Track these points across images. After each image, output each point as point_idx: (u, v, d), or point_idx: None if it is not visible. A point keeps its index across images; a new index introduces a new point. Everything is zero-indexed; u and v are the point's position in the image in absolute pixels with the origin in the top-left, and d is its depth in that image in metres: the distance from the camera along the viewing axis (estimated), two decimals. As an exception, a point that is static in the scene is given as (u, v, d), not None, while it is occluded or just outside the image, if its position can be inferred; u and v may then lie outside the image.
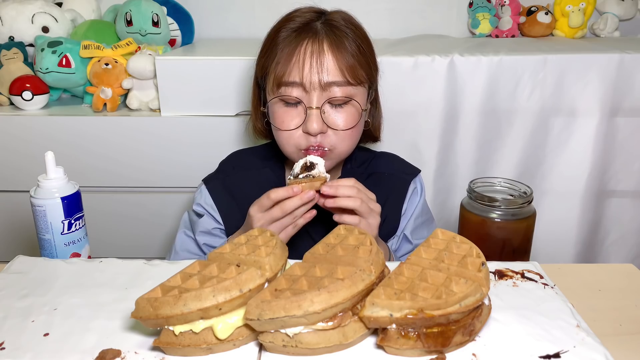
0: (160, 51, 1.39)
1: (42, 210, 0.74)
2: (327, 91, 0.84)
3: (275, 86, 0.85)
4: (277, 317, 0.49)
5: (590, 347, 0.52)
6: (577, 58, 1.28)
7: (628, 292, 0.69)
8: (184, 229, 0.98)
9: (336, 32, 0.85)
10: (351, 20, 0.89)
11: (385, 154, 1.03)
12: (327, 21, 0.87)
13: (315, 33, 0.84)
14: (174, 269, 0.66)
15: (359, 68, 0.85)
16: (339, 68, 0.83)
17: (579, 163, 1.33)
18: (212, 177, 0.98)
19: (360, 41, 0.87)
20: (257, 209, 0.79)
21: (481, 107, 1.30)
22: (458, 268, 0.54)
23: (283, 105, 0.86)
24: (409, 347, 0.50)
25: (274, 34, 0.88)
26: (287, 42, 0.85)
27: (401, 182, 0.97)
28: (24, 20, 1.44)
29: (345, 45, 0.84)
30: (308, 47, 0.83)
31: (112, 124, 1.30)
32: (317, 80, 0.83)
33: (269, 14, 0.90)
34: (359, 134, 0.91)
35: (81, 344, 0.53)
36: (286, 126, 0.86)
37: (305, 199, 0.77)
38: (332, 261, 0.56)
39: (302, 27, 0.86)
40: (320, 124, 0.83)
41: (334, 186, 0.77)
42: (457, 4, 1.71)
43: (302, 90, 0.84)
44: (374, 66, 0.91)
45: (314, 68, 0.82)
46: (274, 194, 0.77)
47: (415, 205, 0.97)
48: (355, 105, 0.86)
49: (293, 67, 0.83)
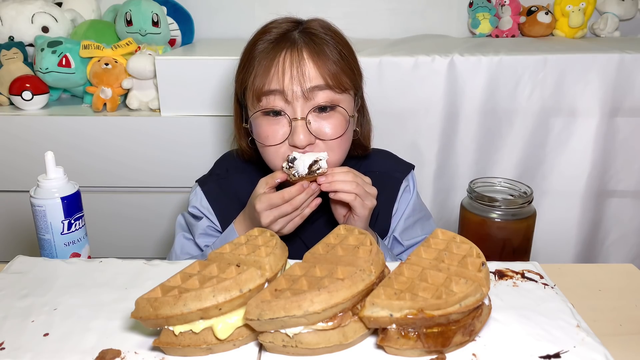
0: (160, 51, 1.39)
1: (42, 210, 0.74)
2: (311, 100, 0.80)
3: (255, 99, 0.82)
4: (277, 317, 0.49)
5: (590, 347, 0.52)
6: (577, 58, 1.28)
7: (628, 292, 0.69)
8: (182, 232, 0.97)
9: (315, 40, 0.82)
10: (329, 27, 0.86)
11: (378, 151, 1.01)
12: (304, 30, 0.84)
13: (294, 42, 0.81)
14: (174, 269, 0.66)
15: (342, 75, 0.82)
16: (322, 75, 0.80)
17: (579, 163, 1.33)
18: (206, 179, 0.97)
19: (342, 47, 0.84)
20: (265, 206, 0.79)
21: (481, 107, 1.30)
22: (458, 268, 0.54)
23: (265, 119, 0.82)
24: (409, 347, 0.50)
25: (251, 47, 0.85)
26: (264, 54, 0.81)
27: (393, 181, 0.96)
28: (23, 20, 1.44)
29: (326, 52, 0.81)
30: (287, 57, 0.80)
31: (112, 124, 1.30)
32: (300, 90, 0.79)
33: (269, 14, 0.89)
34: (349, 143, 0.87)
35: (81, 344, 0.53)
36: (271, 141, 0.82)
37: (311, 192, 0.79)
38: (332, 261, 0.56)
39: (279, 38, 0.82)
40: (307, 135, 0.80)
41: (330, 174, 0.79)
42: (457, 4, 1.71)
43: (283, 101, 0.80)
44: (358, 72, 0.87)
45: (295, 78, 0.79)
46: (288, 194, 0.77)
47: (407, 204, 0.95)
48: (341, 112, 0.82)
49: (272, 78, 0.80)
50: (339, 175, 0.79)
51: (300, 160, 0.78)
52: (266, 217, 0.79)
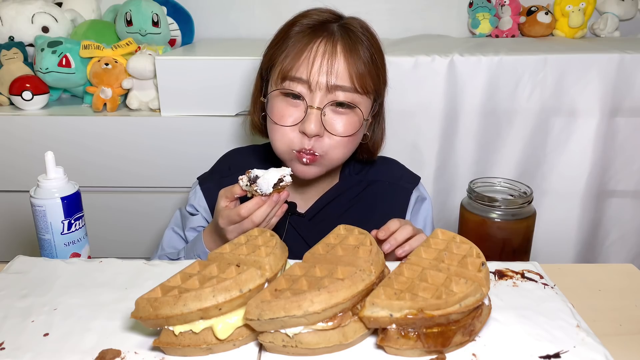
0: (160, 51, 1.39)
1: (42, 210, 0.74)
2: (332, 94, 0.81)
3: (280, 79, 0.83)
4: (277, 317, 0.49)
5: (590, 347, 0.52)
6: (577, 58, 1.28)
7: (628, 292, 0.69)
8: (173, 226, 0.97)
9: (352, 36, 0.83)
10: (368, 29, 0.87)
11: (385, 160, 1.01)
12: (343, 24, 0.85)
13: (331, 33, 0.82)
14: (174, 269, 0.66)
15: (368, 77, 0.82)
16: (349, 73, 0.81)
17: (579, 163, 1.33)
18: (207, 178, 0.97)
19: (374, 50, 0.85)
20: (226, 222, 0.76)
21: (481, 107, 1.29)
22: (458, 268, 0.54)
23: (284, 100, 0.83)
24: (409, 347, 0.50)
25: (288, 27, 0.85)
26: (299, 37, 0.82)
27: (403, 192, 0.95)
28: (24, 20, 1.44)
29: (358, 51, 0.82)
30: (321, 46, 0.81)
31: (112, 124, 1.30)
32: (324, 81, 0.80)
33: (269, 14, 0.90)
34: (355, 145, 0.88)
35: (81, 344, 0.53)
36: (283, 121, 0.82)
37: (272, 204, 0.74)
38: (332, 261, 0.56)
39: (318, 26, 0.83)
40: (318, 126, 0.81)
41: (394, 239, 0.76)
42: (457, 4, 1.71)
43: (306, 88, 0.81)
44: (383, 79, 0.88)
45: (323, 68, 0.80)
46: (246, 211, 0.73)
47: (424, 218, 0.95)
48: (357, 113, 0.83)
49: (302, 63, 0.81)
50: (400, 234, 0.76)
51: (264, 179, 0.73)
52: (230, 232, 0.76)
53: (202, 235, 0.84)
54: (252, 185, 0.74)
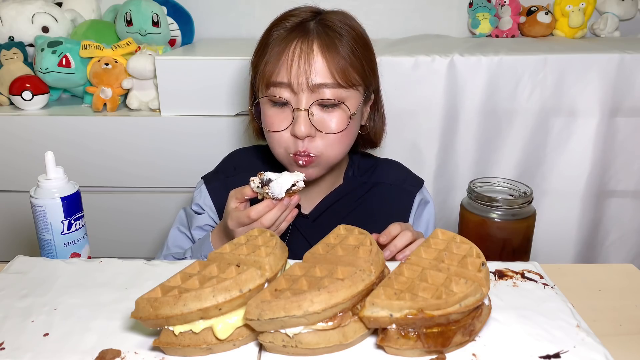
0: (160, 51, 1.39)
1: (42, 210, 0.74)
2: (317, 93, 0.80)
3: (264, 86, 0.83)
4: (277, 317, 0.49)
5: (590, 347, 0.52)
6: (577, 58, 1.28)
7: (628, 292, 0.69)
8: (178, 225, 0.97)
9: (329, 32, 0.81)
10: (346, 21, 0.85)
11: (389, 162, 1.01)
12: (321, 21, 0.83)
13: (306, 33, 0.81)
14: (174, 269, 0.66)
15: (351, 70, 0.81)
16: (329, 70, 0.80)
17: (579, 163, 1.33)
18: (212, 177, 0.97)
19: (354, 42, 0.83)
20: (235, 224, 0.76)
21: (481, 107, 1.30)
22: (458, 268, 0.54)
23: (272, 106, 0.83)
24: (409, 347, 0.50)
25: (267, 32, 0.85)
26: (277, 41, 0.82)
27: (406, 195, 0.95)
28: (24, 20, 1.44)
29: (337, 46, 0.80)
30: (297, 48, 0.80)
31: (112, 124, 1.30)
32: (305, 82, 0.79)
33: (269, 14, 0.89)
34: (351, 140, 0.87)
35: (81, 344, 0.53)
36: (276, 127, 0.83)
37: (283, 208, 0.74)
38: (332, 261, 0.56)
39: (295, 27, 0.83)
40: (307, 127, 0.80)
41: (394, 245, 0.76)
42: (457, 4, 1.71)
43: (290, 92, 0.81)
44: (370, 68, 0.86)
45: (302, 69, 0.79)
46: (256, 214, 0.73)
47: (427, 220, 0.95)
48: (344, 109, 0.82)
49: (281, 67, 0.80)
50: (400, 240, 0.76)
51: (277, 183, 0.73)
52: (239, 234, 0.75)
53: (210, 236, 0.84)
54: (263, 188, 0.74)
